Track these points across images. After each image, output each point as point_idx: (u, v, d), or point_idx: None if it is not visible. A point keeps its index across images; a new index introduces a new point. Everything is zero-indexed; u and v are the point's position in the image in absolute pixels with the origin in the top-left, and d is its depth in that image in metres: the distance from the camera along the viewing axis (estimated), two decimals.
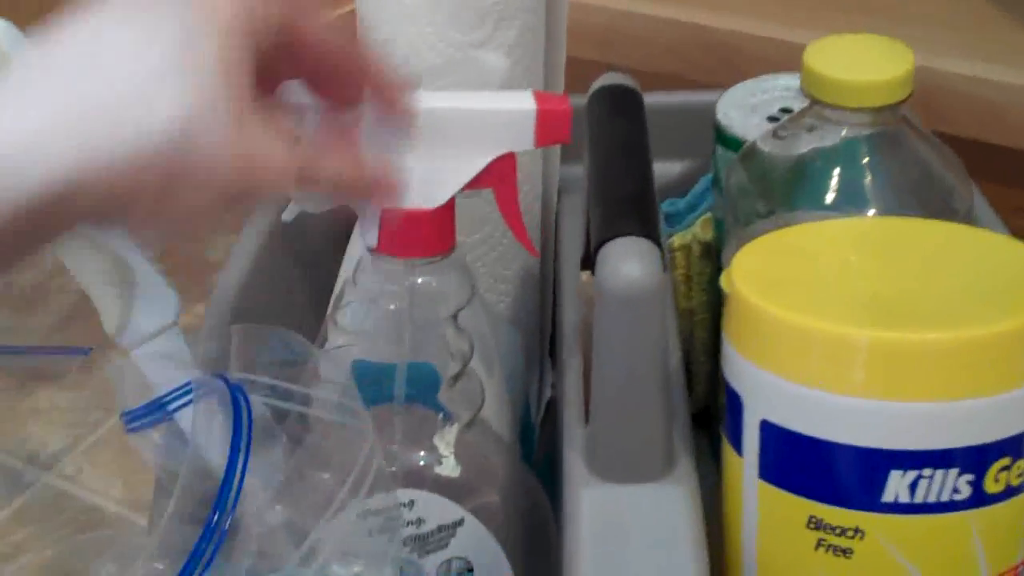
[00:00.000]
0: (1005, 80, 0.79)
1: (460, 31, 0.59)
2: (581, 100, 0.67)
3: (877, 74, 0.52)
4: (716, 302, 0.68)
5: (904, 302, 0.44)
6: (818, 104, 0.53)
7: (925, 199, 0.56)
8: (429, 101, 0.47)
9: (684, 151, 0.72)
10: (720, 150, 0.64)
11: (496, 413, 0.57)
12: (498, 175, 0.49)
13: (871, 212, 0.54)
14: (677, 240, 0.69)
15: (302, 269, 0.63)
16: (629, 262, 0.45)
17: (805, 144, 0.55)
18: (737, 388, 0.45)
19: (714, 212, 0.67)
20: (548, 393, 0.70)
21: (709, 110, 0.67)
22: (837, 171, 0.55)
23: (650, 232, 0.46)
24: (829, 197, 0.55)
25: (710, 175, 0.70)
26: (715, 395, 0.59)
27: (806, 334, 0.42)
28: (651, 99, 0.74)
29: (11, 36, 0.45)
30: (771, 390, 0.43)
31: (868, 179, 0.55)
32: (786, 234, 0.49)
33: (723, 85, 0.84)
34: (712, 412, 0.71)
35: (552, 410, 0.66)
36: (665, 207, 0.71)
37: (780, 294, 0.44)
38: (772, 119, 0.65)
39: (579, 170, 0.58)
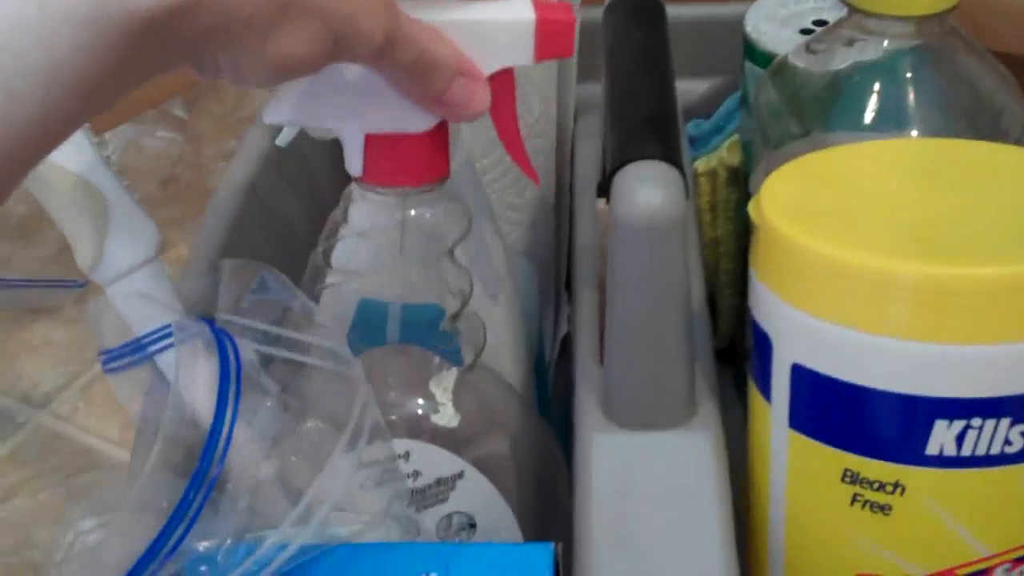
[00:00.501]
0: None
1: None
2: (593, 12, 0.63)
3: None
4: (743, 231, 0.64)
5: (951, 233, 0.39)
6: (857, 13, 0.49)
7: (973, 119, 0.51)
8: (416, 11, 0.43)
9: (710, 68, 0.68)
10: (749, 66, 0.60)
11: (506, 348, 0.53)
12: (495, 93, 0.44)
13: (914, 133, 0.50)
14: (701, 165, 0.65)
15: (300, 200, 0.59)
16: (647, 188, 0.40)
17: (842, 59, 0.51)
18: (766, 327, 0.41)
19: (742, 134, 0.62)
20: (564, 329, 0.66)
21: (737, 23, 0.63)
22: (877, 87, 0.50)
23: (671, 155, 0.42)
24: (868, 116, 0.51)
25: (738, 94, 0.65)
26: (742, 332, 0.55)
27: (842, 268, 0.38)
28: (674, 11, 0.69)
29: None
30: (803, 330, 0.39)
31: (911, 96, 0.50)
32: (820, 157, 0.45)
33: None
34: (738, 349, 0.67)
35: (568, 347, 0.62)
36: (689, 129, 0.67)
37: (814, 224, 0.40)
38: (806, 32, 0.60)
39: (597, 88, 0.54)
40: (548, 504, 0.46)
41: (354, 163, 0.45)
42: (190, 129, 0.91)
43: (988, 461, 0.38)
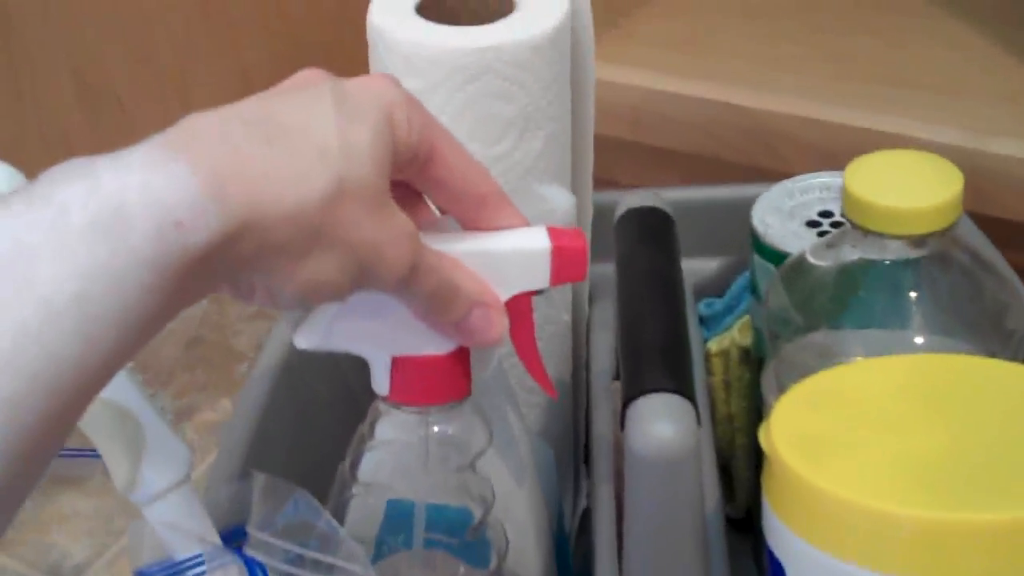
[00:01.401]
0: None
1: (482, 143, 0.57)
2: (609, 196, 0.65)
3: (922, 199, 0.49)
4: (756, 408, 0.65)
5: (954, 468, 0.41)
6: (859, 229, 0.51)
7: (976, 320, 0.53)
8: (438, 243, 0.45)
9: (719, 247, 0.70)
10: (757, 259, 0.62)
11: (529, 532, 0.54)
12: (513, 316, 0.46)
13: (918, 334, 0.51)
14: (714, 345, 0.66)
15: (330, 394, 0.61)
16: (660, 423, 0.42)
17: (849, 258, 0.53)
18: (779, 555, 0.42)
19: (753, 319, 0.64)
20: (583, 503, 0.68)
21: (746, 204, 0.65)
22: (881, 292, 0.52)
23: (683, 387, 0.43)
24: (872, 318, 0.53)
25: (747, 273, 0.67)
26: (758, 502, 0.57)
27: (848, 508, 0.39)
28: (685, 193, 0.72)
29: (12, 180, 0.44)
30: (813, 564, 0.40)
31: (913, 301, 0.52)
32: (828, 377, 0.47)
33: (759, 167, 0.82)
34: (755, 519, 0.68)
35: (587, 522, 0.63)
36: (701, 308, 0.69)
37: (821, 457, 0.41)
38: (811, 224, 0.62)
39: (611, 269, 0.56)
40: None
41: (381, 384, 0.47)
42: None
43: None
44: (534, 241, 0.46)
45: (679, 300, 0.48)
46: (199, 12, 0.69)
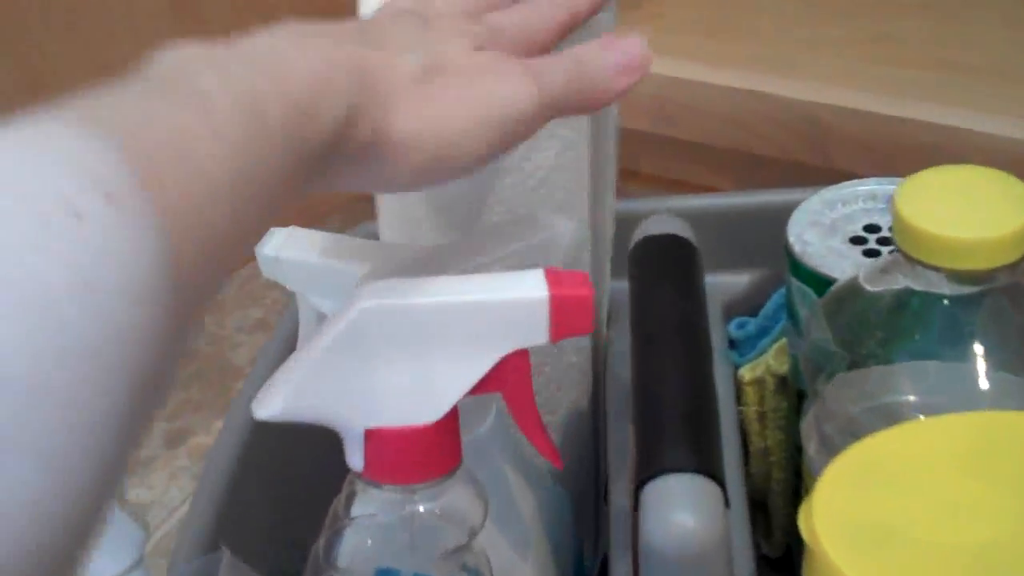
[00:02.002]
0: None
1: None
2: (631, 206, 0.58)
3: (987, 228, 0.42)
4: (794, 441, 0.59)
5: (1006, 564, 0.34)
6: (913, 261, 0.44)
7: None
8: (413, 296, 0.39)
9: (752, 260, 0.63)
10: (794, 281, 0.55)
11: None
12: (508, 376, 0.40)
13: (981, 378, 0.45)
14: (748, 372, 0.59)
15: (310, 454, 0.54)
16: (681, 510, 0.36)
17: (898, 296, 0.46)
18: None
19: (790, 344, 0.57)
20: (604, 547, 0.61)
21: (780, 212, 0.58)
22: (936, 329, 0.45)
23: (708, 465, 0.37)
24: (927, 356, 0.46)
25: (782, 291, 0.60)
26: (797, 539, 0.51)
27: None
28: (712, 200, 0.65)
29: None
30: None
31: (975, 339, 0.45)
32: (876, 446, 0.40)
33: (796, 161, 0.75)
34: (794, 557, 0.62)
35: (606, 568, 0.57)
36: (733, 330, 0.62)
37: (870, 547, 0.35)
38: (855, 240, 0.55)
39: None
40: None
41: (354, 458, 0.41)
42: None
43: None
44: (530, 288, 0.40)
45: (704, 355, 0.41)
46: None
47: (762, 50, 0.79)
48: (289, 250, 0.50)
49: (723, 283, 0.63)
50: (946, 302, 0.44)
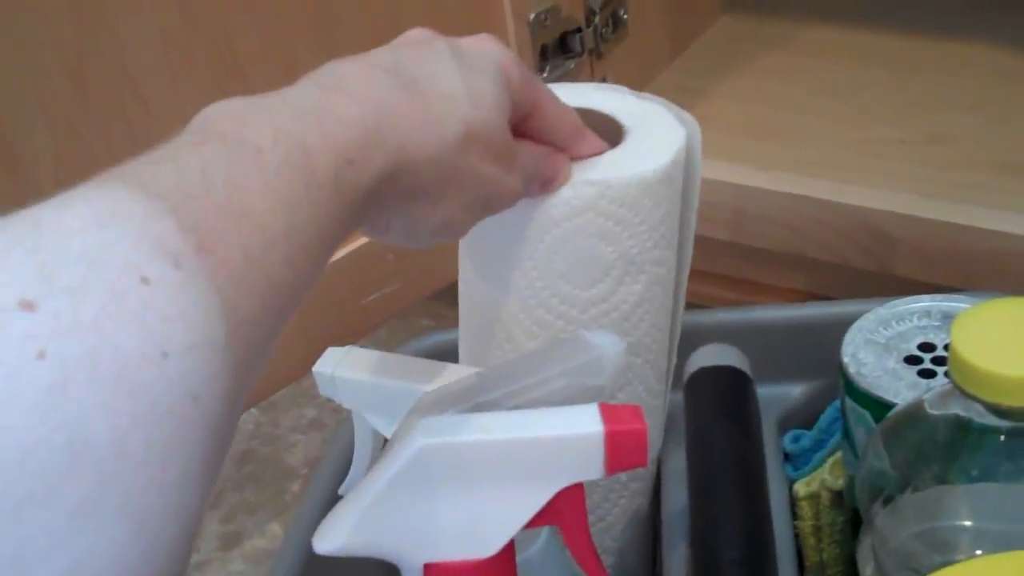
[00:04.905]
0: None
1: (576, 285, 0.50)
2: (694, 317, 0.58)
3: None
4: (851, 555, 0.58)
5: None
6: (969, 397, 0.43)
7: None
8: (470, 433, 0.39)
9: (807, 372, 0.63)
10: (849, 402, 0.54)
11: None
12: (564, 509, 0.40)
13: None
14: (803, 488, 0.59)
15: None
16: None
17: (955, 430, 0.45)
18: None
19: (844, 458, 0.57)
20: None
21: (834, 325, 0.58)
22: (994, 462, 0.45)
23: None
24: (984, 482, 0.45)
25: (837, 403, 0.60)
26: None
27: None
28: (769, 313, 0.65)
29: None
30: None
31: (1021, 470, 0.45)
32: None
33: (852, 266, 0.75)
34: None
35: None
36: (787, 443, 0.61)
37: None
38: (910, 359, 0.55)
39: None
40: None
41: None
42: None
43: None
44: (585, 424, 0.40)
45: (761, 495, 0.41)
46: None
47: (812, 153, 0.79)
48: (345, 368, 0.51)
49: (778, 395, 0.63)
50: (1002, 437, 0.44)
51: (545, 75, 0.76)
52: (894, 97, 0.85)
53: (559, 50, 0.76)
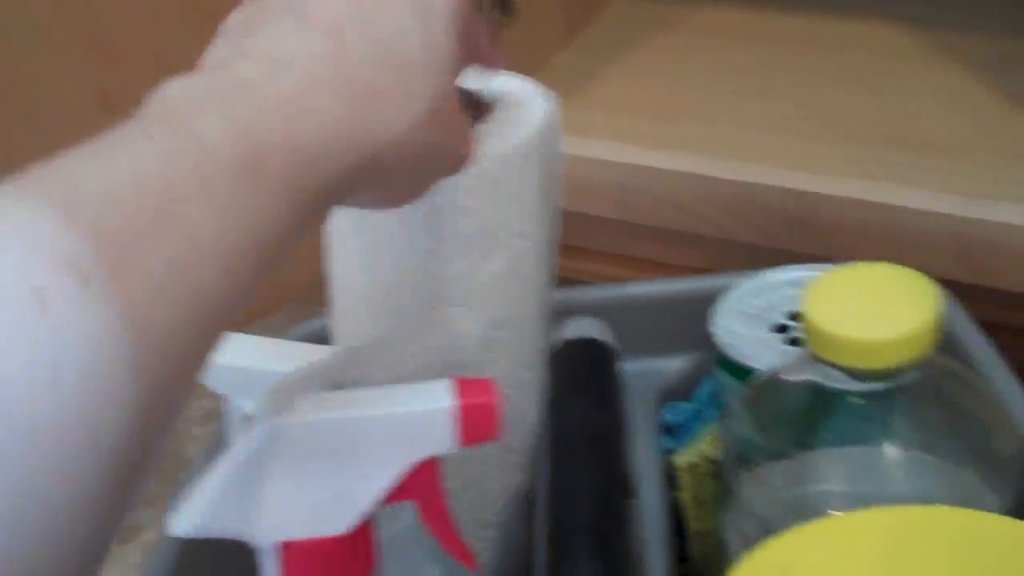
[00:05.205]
0: None
1: (439, 261, 0.50)
2: (571, 294, 0.58)
3: (892, 328, 0.43)
4: None
5: None
6: (823, 362, 0.44)
7: (958, 446, 0.46)
8: (319, 411, 0.39)
9: (686, 345, 0.63)
10: (720, 372, 0.55)
11: None
12: (419, 485, 0.40)
13: (893, 471, 0.45)
14: (682, 458, 0.60)
15: None
16: None
17: (809, 396, 0.46)
18: None
19: (719, 430, 0.58)
20: None
21: (714, 297, 0.59)
22: (848, 425, 0.46)
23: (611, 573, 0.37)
24: (845, 440, 0.46)
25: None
26: None
27: None
28: (645, 287, 0.65)
29: None
30: None
31: (887, 433, 0.45)
32: (783, 546, 0.40)
33: (744, 243, 0.76)
34: None
35: None
36: (667, 415, 0.62)
37: None
38: (779, 328, 0.56)
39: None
40: None
41: (268, 573, 0.41)
42: None
43: None
44: (435, 399, 0.40)
45: (617, 462, 0.42)
46: None
47: (701, 131, 0.79)
48: (218, 355, 0.51)
49: (659, 368, 0.64)
50: (855, 399, 0.44)
51: None
52: (784, 75, 0.85)
53: None
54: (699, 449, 0.60)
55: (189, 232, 0.31)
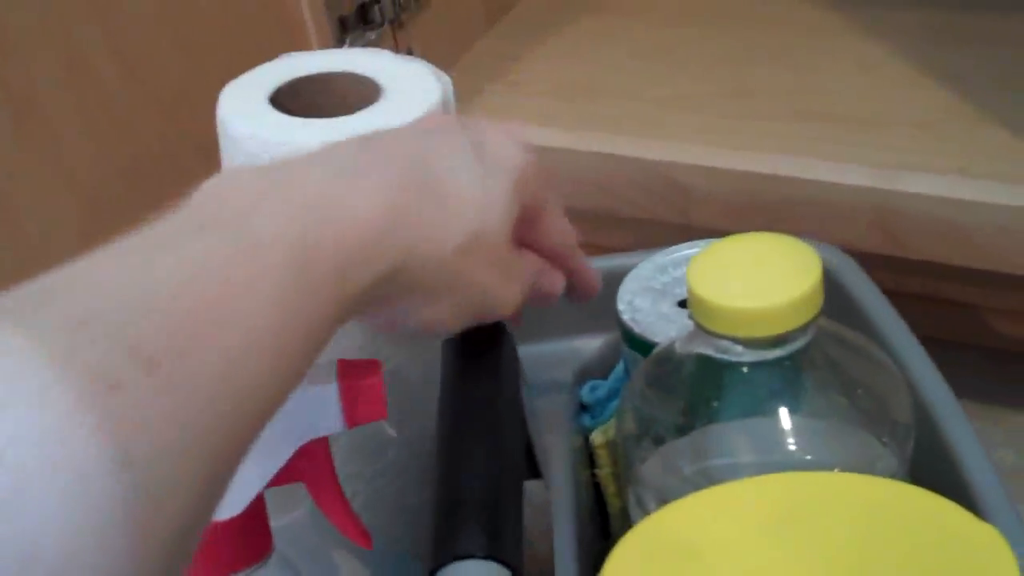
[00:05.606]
0: (974, 198, 0.69)
1: None
2: None
3: (769, 297, 0.43)
4: None
5: None
6: (710, 334, 0.45)
7: (855, 411, 0.47)
8: None
9: (602, 324, 0.64)
10: (627, 348, 0.56)
11: None
12: (307, 465, 0.41)
13: (786, 438, 0.46)
14: (598, 436, 0.61)
15: None
16: None
17: (699, 368, 0.47)
18: None
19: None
20: None
21: (625, 275, 0.59)
22: (736, 395, 0.46)
23: (501, 550, 0.38)
24: (741, 412, 0.47)
25: None
26: None
27: None
28: None
29: None
30: None
31: (778, 401, 0.46)
32: (668, 518, 0.41)
33: (663, 222, 0.76)
34: None
35: None
36: (584, 394, 0.63)
37: None
38: (684, 303, 0.56)
39: None
40: None
41: None
42: None
43: None
44: (318, 379, 0.41)
45: (506, 439, 0.42)
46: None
47: (619, 111, 0.80)
48: None
49: (576, 348, 0.64)
50: (745, 369, 0.45)
51: (346, 47, 0.76)
52: (703, 54, 0.86)
53: (359, 21, 0.77)
54: (615, 426, 0.61)
55: (246, 329, 0.32)
